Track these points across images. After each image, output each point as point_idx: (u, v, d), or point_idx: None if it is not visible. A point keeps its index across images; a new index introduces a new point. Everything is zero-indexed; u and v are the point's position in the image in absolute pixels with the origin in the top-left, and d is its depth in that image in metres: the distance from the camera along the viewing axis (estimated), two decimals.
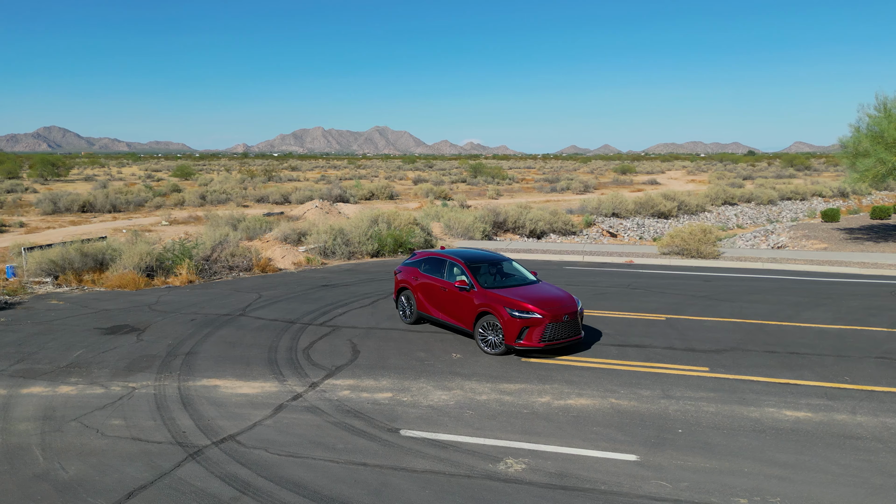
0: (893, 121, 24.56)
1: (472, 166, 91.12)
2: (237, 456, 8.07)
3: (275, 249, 23.40)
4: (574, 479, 7.49)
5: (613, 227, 39.21)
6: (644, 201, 42.06)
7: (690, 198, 45.67)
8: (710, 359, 11.88)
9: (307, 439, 8.56)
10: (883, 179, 25.65)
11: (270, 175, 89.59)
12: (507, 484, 7.38)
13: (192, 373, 11.14)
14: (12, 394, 10.17)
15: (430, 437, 8.64)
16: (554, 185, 62.63)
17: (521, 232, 34.97)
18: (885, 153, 24.21)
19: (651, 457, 8.04)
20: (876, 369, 11.31)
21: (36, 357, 11.98)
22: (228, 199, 51.08)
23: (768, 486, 7.31)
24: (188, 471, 7.69)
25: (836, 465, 7.83)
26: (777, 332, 13.70)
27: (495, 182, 75.01)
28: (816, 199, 58.23)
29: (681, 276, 20.48)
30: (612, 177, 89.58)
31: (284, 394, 10.19)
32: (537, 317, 11.49)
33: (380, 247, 24.49)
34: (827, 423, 9.07)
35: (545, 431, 8.80)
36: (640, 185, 71.93)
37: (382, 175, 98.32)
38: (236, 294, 17.62)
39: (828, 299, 17.07)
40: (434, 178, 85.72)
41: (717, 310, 15.77)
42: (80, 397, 10.01)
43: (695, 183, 78.60)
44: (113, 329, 13.93)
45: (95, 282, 19.28)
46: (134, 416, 9.32)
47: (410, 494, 7.15)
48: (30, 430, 8.84)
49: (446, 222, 29.47)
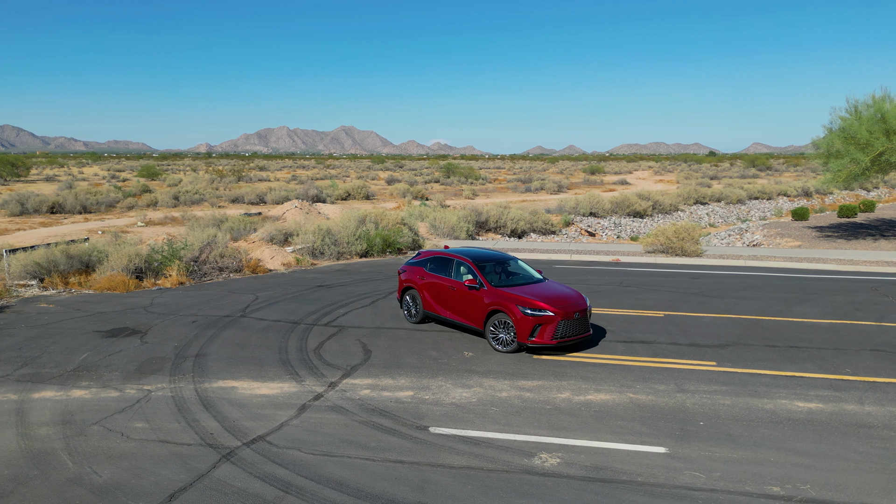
0: (864, 123, 25.47)
1: (444, 166, 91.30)
2: (271, 456, 8.05)
3: (263, 250, 23.18)
4: (610, 472, 7.66)
5: (591, 226, 39.76)
6: (620, 201, 42.74)
7: (664, 197, 46.57)
8: (715, 353, 12.22)
9: (338, 438, 8.58)
10: (856, 179, 26.58)
11: (240, 175, 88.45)
12: (545, 478, 7.53)
13: (205, 375, 11.03)
14: (24, 398, 9.94)
15: (460, 433, 8.74)
16: (528, 185, 63.17)
17: (502, 231, 35.22)
18: (859, 153, 25.10)
19: (679, 449, 8.27)
20: (874, 361, 11.77)
21: (40, 361, 11.72)
22: (202, 200, 50.31)
23: (796, 474, 7.60)
24: (225, 472, 7.65)
25: (854, 453, 8.16)
26: (773, 327, 14.14)
27: (468, 182, 75.32)
28: (782, 198, 59.88)
29: (669, 274, 20.92)
30: (581, 177, 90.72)
31: (305, 394, 10.17)
32: (550, 314, 11.67)
33: (368, 247, 24.45)
34: (838, 413, 9.44)
35: (571, 426, 8.97)
36: (610, 185, 72.98)
37: (354, 175, 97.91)
38: (232, 295, 17.43)
39: (813, 295, 17.65)
40: (407, 178, 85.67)
41: (712, 306, 16.19)
42: (96, 401, 9.84)
43: (663, 183, 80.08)
44: (113, 332, 13.68)
45: (82, 284, 18.86)
46: (156, 418, 9.21)
47: (454, 490, 7.24)
48: (51, 434, 8.67)
49: (431, 222, 29.54)
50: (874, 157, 25.24)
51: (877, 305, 16.32)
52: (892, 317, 15.09)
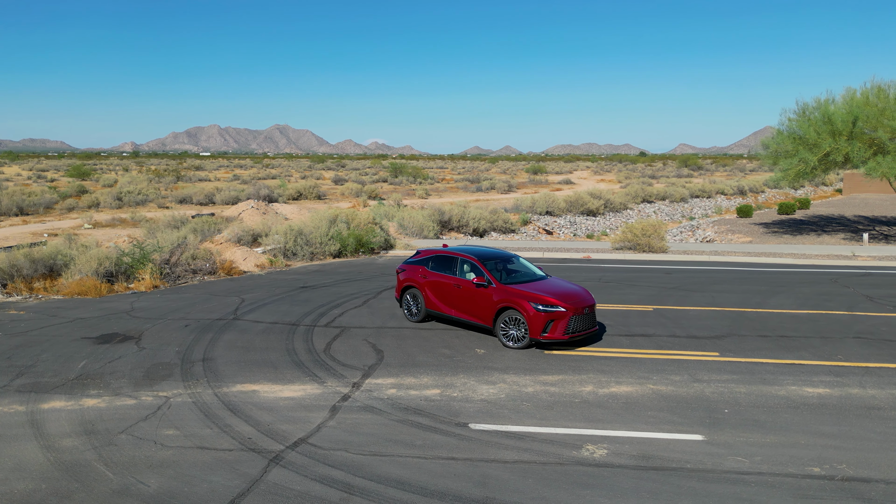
0: (812, 125, 27.00)
1: (391, 166, 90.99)
2: (320, 458, 7.95)
3: (234, 252, 22.60)
4: (658, 461, 7.93)
5: (548, 224, 40.52)
6: (574, 200, 43.73)
7: (614, 196, 47.92)
8: (714, 344, 12.75)
9: (381, 438, 8.53)
10: (804, 177, 28.14)
11: (178, 175, 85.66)
12: (600, 468, 7.72)
13: (220, 379, 10.73)
14: (34, 409, 9.44)
15: (501, 429, 8.84)
16: (478, 184, 63.74)
17: (464, 231, 35.46)
18: (807, 153, 26.58)
19: (715, 436, 8.62)
20: (860, 348, 12.55)
21: (36, 370, 11.12)
22: (147, 201, 48.49)
23: (829, 455, 8.06)
24: (279, 476, 7.50)
25: (873, 433, 8.72)
26: (757, 318, 14.85)
27: (417, 182, 75.36)
28: (720, 196, 62.60)
29: (642, 270, 21.61)
30: (525, 177, 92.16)
31: (331, 395, 10.05)
32: (561, 310, 11.91)
33: (342, 247, 24.19)
34: (846, 397, 10.04)
35: (606, 418, 9.22)
36: (556, 184, 74.46)
37: (296, 175, 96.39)
38: (215, 298, 16.94)
39: (782, 287, 18.61)
40: (353, 177, 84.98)
41: (693, 299, 16.84)
42: (113, 410, 9.44)
43: (604, 182, 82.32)
44: (104, 338, 13.10)
45: (49, 289, 17.95)
46: (185, 425, 8.92)
47: (515, 484, 7.34)
48: (78, 446, 8.27)
49: (399, 221, 29.48)
50: (821, 157, 26.80)
51: (842, 296, 17.35)
52: (861, 306, 16.09)
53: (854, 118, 26.03)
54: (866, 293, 17.74)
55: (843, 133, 26.33)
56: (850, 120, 26.08)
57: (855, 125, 26.20)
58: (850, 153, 26.45)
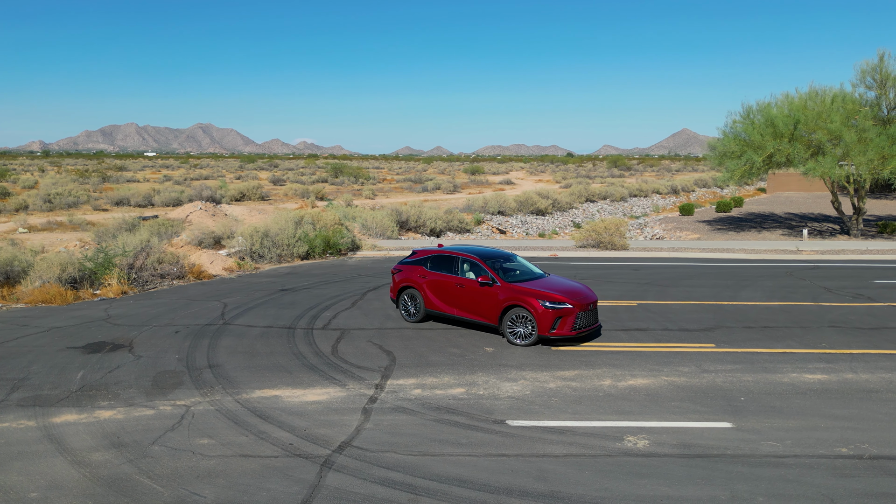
0: (757, 127, 28.54)
1: (332, 166, 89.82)
2: (372, 460, 7.87)
3: (200, 255, 21.83)
4: (699, 448, 8.27)
5: (501, 224, 41.06)
6: (524, 200, 44.48)
7: (561, 196, 49.02)
8: (707, 336, 13.34)
9: (425, 438, 8.53)
10: (749, 176, 29.70)
11: (105, 176, 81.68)
12: (649, 458, 7.99)
13: (236, 386, 10.42)
14: (46, 424, 8.91)
15: (539, 424, 9.00)
16: (423, 185, 63.82)
17: (421, 231, 35.47)
18: (753, 154, 28.08)
19: (741, 423, 9.06)
20: (838, 336, 13.42)
21: (32, 383, 10.47)
22: (79, 203, 46.01)
23: (849, 436, 8.62)
24: (337, 480, 7.39)
25: (880, 414, 9.37)
26: (736, 311, 15.61)
27: (359, 182, 74.69)
28: (655, 195, 65.06)
29: (611, 266, 22.27)
30: (466, 177, 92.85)
31: (357, 398, 9.94)
32: (569, 307, 12.19)
33: (310, 249, 23.78)
34: (843, 381, 10.73)
35: (634, 410, 9.52)
36: (497, 185, 75.39)
37: (229, 175, 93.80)
38: (194, 303, 16.36)
39: (746, 281, 19.61)
40: (291, 177, 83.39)
41: (671, 294, 17.53)
42: (133, 421, 9.02)
43: (542, 182, 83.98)
44: (92, 347, 12.46)
45: (7, 297, 16.87)
46: (217, 433, 8.63)
47: (574, 476, 7.50)
48: (111, 459, 7.88)
49: (363, 222, 29.21)
50: (765, 158, 28.36)
51: (803, 288, 18.45)
52: (823, 297, 17.17)
53: (795, 121, 27.69)
54: (823, 285, 18.92)
55: (786, 135, 27.97)
56: (792, 123, 27.74)
57: (796, 128, 27.87)
58: (791, 154, 28.12)
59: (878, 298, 17.00)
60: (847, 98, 28.49)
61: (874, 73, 28.44)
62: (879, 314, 15.28)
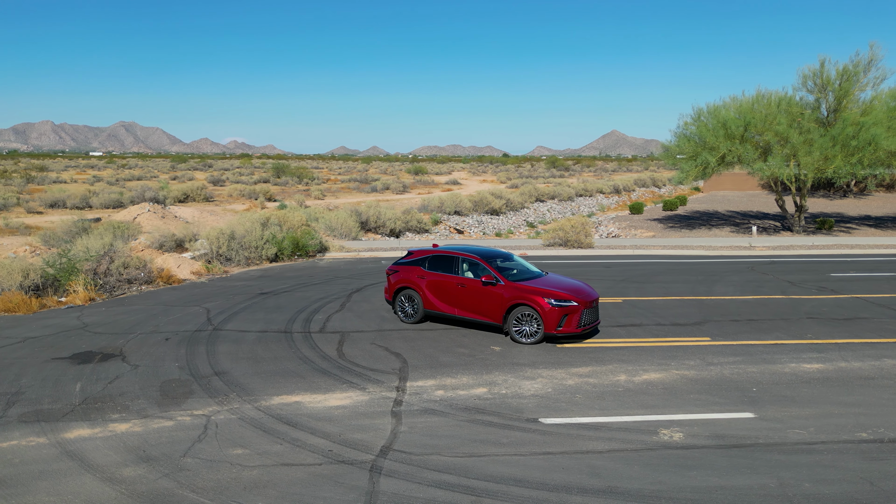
0: (710, 129, 29.71)
1: (273, 166, 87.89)
2: (419, 464, 7.76)
3: (166, 259, 20.95)
4: (732, 439, 8.54)
5: (458, 224, 41.19)
6: (478, 200, 44.76)
7: (513, 196, 49.59)
8: (699, 330, 13.78)
9: (465, 439, 8.47)
10: (703, 176, 30.86)
11: (29, 177, 77.23)
12: (689, 451, 8.19)
13: (251, 393, 10.06)
14: (60, 440, 8.36)
15: (572, 421, 9.08)
16: (372, 185, 63.30)
17: (381, 231, 35.20)
18: (708, 154, 29.21)
19: (762, 412, 9.40)
20: (819, 327, 14.11)
21: (28, 398, 9.81)
22: (9, 205, 43.29)
23: (864, 422, 9.08)
24: (392, 485, 7.25)
25: (884, 399, 9.91)
26: (716, 305, 16.19)
27: (303, 182, 73.39)
28: (599, 195, 66.71)
29: (582, 265, 22.68)
30: (410, 178, 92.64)
31: (381, 401, 9.77)
32: (574, 304, 12.35)
33: (279, 251, 23.19)
34: (839, 370, 11.29)
35: (658, 404, 9.73)
36: (444, 185, 75.58)
37: (163, 175, 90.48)
38: (173, 309, 15.69)
39: (714, 276, 20.37)
40: (230, 177, 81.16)
41: (650, 290, 18.01)
42: (154, 433, 8.58)
43: (486, 182, 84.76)
44: (80, 357, 11.77)
45: None
46: (249, 443, 8.32)
47: (625, 471, 7.61)
48: (145, 474, 7.47)
49: (327, 223, 28.71)
50: (718, 158, 29.56)
51: (769, 283, 19.32)
52: (791, 291, 18.02)
53: (746, 123, 28.98)
54: (786, 279, 19.87)
55: (737, 136, 29.23)
56: (743, 125, 29.02)
57: (746, 129, 29.18)
58: (742, 155, 29.42)
59: (842, 291, 17.99)
60: (791, 102, 30.01)
61: (815, 78, 30.09)
62: (848, 306, 16.16)
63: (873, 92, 29.73)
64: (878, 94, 29.55)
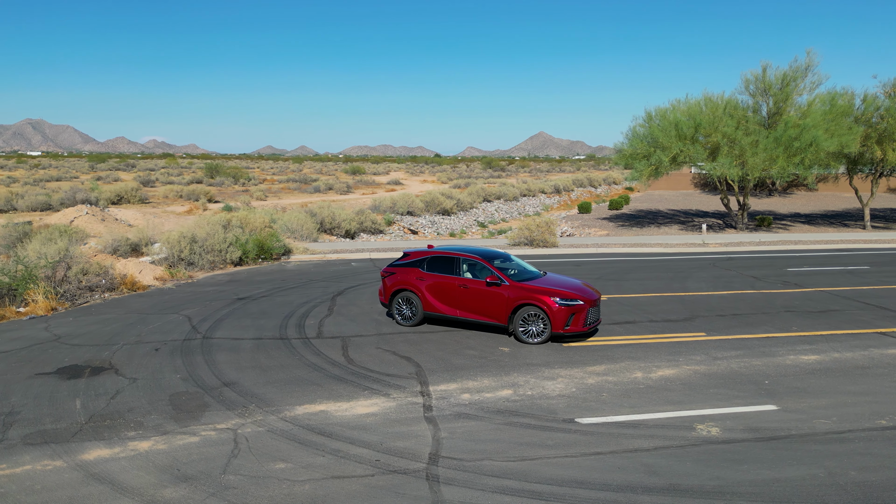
0: (662, 130, 30.69)
1: (207, 166, 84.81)
2: (473, 469, 7.59)
3: (126, 264, 19.80)
4: (767, 431, 8.76)
5: (412, 224, 40.92)
6: (430, 200, 44.64)
7: (463, 196, 49.73)
8: (692, 325, 14.14)
9: (510, 443, 8.35)
10: (656, 175, 31.85)
11: None
12: (731, 444, 8.34)
13: (271, 403, 9.59)
14: (79, 463, 7.71)
15: (606, 420, 9.10)
16: (314, 185, 62.09)
17: (336, 232, 34.55)
18: (661, 154, 30.17)
19: (783, 404, 9.70)
20: (800, 320, 14.74)
21: (26, 418, 9.01)
22: None
23: (878, 409, 9.52)
24: (454, 494, 7.04)
25: (886, 387, 10.41)
26: (696, 301, 16.67)
27: (239, 183, 71.25)
28: (542, 195, 67.84)
29: (553, 263, 22.91)
30: (349, 178, 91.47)
31: (409, 406, 9.52)
32: (581, 303, 12.43)
33: (243, 254, 22.35)
34: (835, 360, 11.81)
35: (683, 399, 9.89)
36: (386, 185, 75.04)
37: (84, 175, 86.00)
38: (150, 317, 14.83)
39: (682, 273, 21.01)
40: (161, 178, 77.93)
41: (628, 287, 18.38)
42: (182, 450, 8.04)
43: (427, 183, 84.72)
44: (68, 372, 10.93)
45: None
46: (288, 456, 7.92)
47: (680, 468, 7.67)
48: (188, 495, 6.97)
49: (285, 225, 27.90)
50: (671, 158, 30.57)
51: (735, 278, 20.07)
52: (759, 285, 18.79)
53: (697, 124, 30.10)
54: (748, 274, 20.72)
55: (688, 137, 30.31)
56: (694, 126, 30.12)
57: (696, 130, 30.30)
58: (693, 155, 30.53)
59: (804, 285, 18.89)
60: (736, 105, 31.38)
61: (757, 83, 31.54)
62: (816, 299, 16.98)
63: (809, 96, 31.45)
64: (814, 99, 31.27)
